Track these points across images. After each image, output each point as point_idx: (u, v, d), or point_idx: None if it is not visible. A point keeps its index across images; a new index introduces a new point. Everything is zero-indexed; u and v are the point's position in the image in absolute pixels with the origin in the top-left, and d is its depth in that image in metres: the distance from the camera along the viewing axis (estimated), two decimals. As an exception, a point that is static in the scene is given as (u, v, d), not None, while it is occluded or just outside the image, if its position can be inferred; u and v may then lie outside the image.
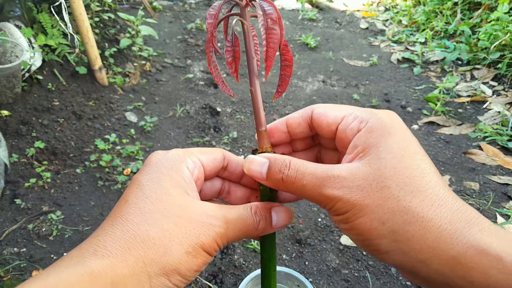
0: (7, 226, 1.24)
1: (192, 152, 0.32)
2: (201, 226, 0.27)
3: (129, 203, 0.27)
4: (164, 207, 0.27)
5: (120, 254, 0.25)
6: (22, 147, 1.49)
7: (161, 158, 0.30)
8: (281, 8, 3.16)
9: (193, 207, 0.28)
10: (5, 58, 1.59)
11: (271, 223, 0.32)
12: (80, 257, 0.25)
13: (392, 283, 1.15)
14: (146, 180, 0.28)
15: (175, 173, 0.29)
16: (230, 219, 0.29)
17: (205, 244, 0.27)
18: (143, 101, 1.88)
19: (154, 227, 0.26)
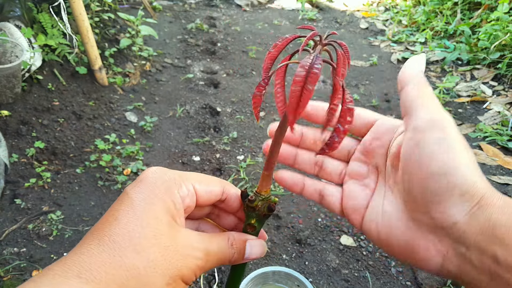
0: (7, 226, 1.24)
1: (189, 179, 0.31)
2: (184, 259, 0.28)
3: (119, 222, 0.27)
4: (153, 233, 0.27)
5: (104, 281, 0.25)
6: (22, 147, 1.49)
7: (158, 177, 0.30)
8: (281, 8, 3.16)
9: (180, 238, 0.28)
10: (5, 58, 1.59)
11: (244, 255, 0.33)
12: (64, 277, 0.24)
13: (392, 283, 1.15)
14: (139, 199, 0.28)
15: (168, 198, 0.29)
16: (210, 252, 0.30)
17: (185, 275, 0.28)
18: (143, 101, 1.88)
19: (142, 256, 0.26)
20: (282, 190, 1.45)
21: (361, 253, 1.23)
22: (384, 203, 0.32)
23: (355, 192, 0.35)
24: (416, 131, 0.28)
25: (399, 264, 1.20)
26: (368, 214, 0.33)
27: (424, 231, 0.28)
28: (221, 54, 2.36)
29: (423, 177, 0.27)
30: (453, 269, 0.27)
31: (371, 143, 0.34)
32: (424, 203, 0.27)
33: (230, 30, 2.67)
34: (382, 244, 0.32)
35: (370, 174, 0.35)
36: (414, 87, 0.29)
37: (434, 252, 0.28)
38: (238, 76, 2.17)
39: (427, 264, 0.28)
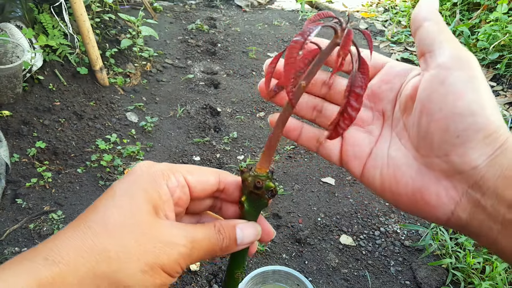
0: (8, 225, 1.25)
1: (179, 170, 0.30)
2: (163, 246, 0.26)
3: (97, 211, 0.27)
4: (129, 221, 0.26)
5: (72, 263, 0.24)
6: (23, 147, 1.50)
7: (144, 170, 0.29)
8: (281, 9, 3.17)
9: (159, 226, 0.27)
10: (6, 58, 1.59)
11: (236, 241, 0.31)
12: (31, 261, 0.24)
13: (391, 282, 1.16)
14: (121, 190, 0.28)
15: (151, 189, 0.28)
16: (196, 239, 0.28)
17: (165, 264, 0.26)
18: (144, 101, 1.89)
19: (114, 241, 0.25)
20: (282, 190, 1.45)
21: (361, 252, 1.24)
22: (390, 150, 0.30)
23: (357, 139, 0.32)
24: (441, 68, 0.26)
25: (398, 264, 1.21)
26: (371, 162, 0.31)
27: (438, 177, 0.27)
28: (221, 54, 2.37)
29: (445, 117, 0.25)
30: (463, 217, 0.26)
31: (379, 86, 0.32)
32: (442, 145, 0.26)
33: (230, 30, 2.68)
34: (386, 193, 0.30)
35: (375, 120, 0.33)
36: (434, 23, 0.28)
37: (446, 199, 0.26)
38: (238, 77, 2.18)
39: (437, 212, 0.27)
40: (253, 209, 0.32)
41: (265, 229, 0.34)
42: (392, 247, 1.26)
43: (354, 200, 1.43)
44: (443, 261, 1.15)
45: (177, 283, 1.12)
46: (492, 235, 0.25)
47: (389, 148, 0.30)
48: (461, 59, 0.26)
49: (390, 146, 0.31)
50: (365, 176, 0.32)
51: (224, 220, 0.32)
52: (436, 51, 0.27)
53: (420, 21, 0.28)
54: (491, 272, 1.11)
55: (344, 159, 0.33)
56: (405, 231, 1.31)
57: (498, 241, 0.25)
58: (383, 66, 0.33)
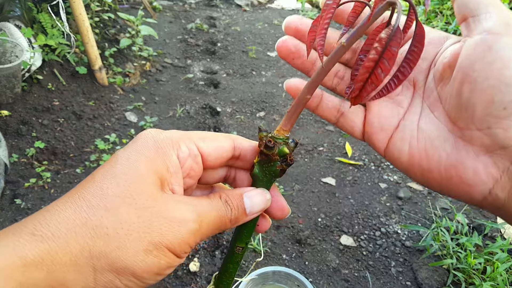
0: (7, 226, 1.24)
1: (191, 138, 0.27)
2: (169, 222, 0.23)
3: (93, 180, 0.23)
4: (130, 193, 0.23)
5: (63, 238, 0.21)
6: (22, 147, 1.49)
7: (151, 137, 0.26)
8: (281, 8, 3.16)
9: (165, 200, 0.24)
10: (5, 58, 1.59)
11: (245, 210, 0.28)
12: (17, 235, 0.21)
13: (392, 283, 1.15)
14: (123, 158, 0.24)
15: (159, 159, 0.25)
16: (203, 213, 0.25)
17: (172, 243, 0.23)
18: (143, 101, 1.88)
19: (112, 214, 0.22)
20: (282, 190, 1.45)
21: (361, 253, 1.23)
22: (421, 122, 0.28)
23: (384, 109, 0.29)
24: (488, 34, 0.24)
25: (399, 264, 1.20)
26: (399, 134, 0.28)
27: (477, 151, 0.25)
28: (221, 54, 2.37)
29: (491, 87, 0.23)
30: (502, 196, 0.24)
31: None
32: (485, 118, 0.24)
33: (230, 30, 2.67)
34: (414, 169, 0.28)
35: (405, 90, 0.30)
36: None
37: (485, 176, 0.24)
38: (238, 76, 2.17)
39: (472, 190, 0.25)
40: (263, 175, 0.29)
41: (279, 203, 0.31)
42: (393, 247, 1.25)
43: (355, 200, 1.43)
44: (444, 261, 1.15)
45: (177, 283, 1.11)
46: None
47: (419, 120, 0.28)
48: (510, 25, 0.24)
49: (420, 118, 0.28)
50: (391, 150, 0.29)
51: (229, 190, 0.29)
52: (482, 15, 0.24)
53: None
54: (492, 272, 1.10)
55: (368, 131, 0.30)
56: (406, 231, 1.31)
57: None
58: None
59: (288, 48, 0.30)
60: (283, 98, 1.96)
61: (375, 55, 0.24)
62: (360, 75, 0.25)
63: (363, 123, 0.30)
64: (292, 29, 0.30)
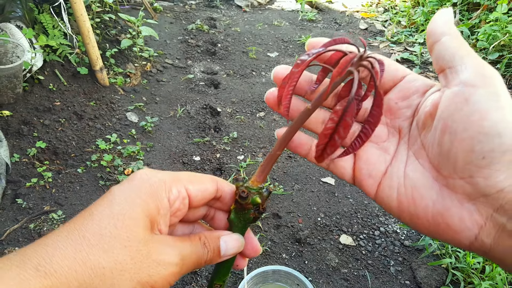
0: (9, 225, 1.25)
1: (181, 180, 0.29)
2: (156, 265, 0.26)
3: (93, 218, 0.26)
4: (126, 235, 0.25)
5: (64, 276, 0.23)
6: (23, 147, 1.50)
7: (146, 179, 0.28)
8: (281, 9, 3.17)
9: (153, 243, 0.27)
10: (7, 58, 1.60)
11: (220, 253, 0.31)
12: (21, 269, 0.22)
13: (391, 282, 1.16)
14: (120, 198, 0.27)
15: (152, 203, 0.27)
16: (185, 256, 0.28)
17: (157, 282, 0.26)
18: (144, 101, 1.89)
19: (109, 256, 0.24)
20: (282, 190, 1.46)
21: (361, 252, 1.24)
22: (407, 169, 0.29)
23: (371, 156, 0.30)
24: (465, 86, 0.24)
25: (398, 264, 1.21)
26: (387, 181, 0.29)
27: (461, 199, 0.25)
28: (221, 54, 2.37)
29: (470, 137, 0.24)
30: (488, 242, 0.25)
31: (396, 102, 0.30)
32: (466, 167, 0.24)
33: (230, 30, 2.68)
34: (403, 215, 0.28)
35: (390, 137, 0.31)
36: (452, 37, 0.26)
37: (470, 223, 0.25)
38: (238, 77, 2.18)
39: (459, 236, 0.26)
40: (239, 221, 0.32)
41: (252, 245, 0.34)
42: (392, 247, 1.26)
43: (354, 200, 1.43)
44: (443, 261, 1.15)
45: (177, 283, 1.12)
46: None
47: (406, 167, 0.29)
48: (485, 76, 0.24)
49: (407, 165, 0.29)
50: (380, 196, 0.30)
51: (208, 232, 0.32)
52: (458, 66, 0.25)
53: (437, 36, 0.27)
54: (490, 272, 1.11)
55: (358, 177, 0.31)
56: (405, 230, 1.32)
57: None
58: (402, 78, 0.30)
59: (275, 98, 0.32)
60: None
61: (332, 124, 0.27)
62: (320, 140, 0.28)
63: (353, 169, 0.32)
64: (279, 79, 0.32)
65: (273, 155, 0.31)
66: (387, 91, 0.31)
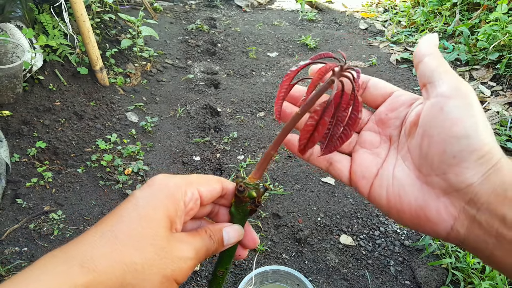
0: (9, 225, 1.25)
1: (193, 183, 0.34)
2: (178, 260, 0.30)
3: (122, 220, 0.29)
4: (152, 235, 0.29)
5: (104, 272, 0.26)
6: (23, 147, 1.50)
7: (164, 184, 0.32)
8: (281, 9, 3.17)
9: (174, 241, 0.31)
10: (7, 58, 1.60)
11: (223, 242, 0.35)
12: (67, 265, 0.26)
13: (391, 282, 1.16)
14: (144, 202, 0.30)
15: (171, 205, 0.31)
16: (198, 250, 0.32)
17: (178, 276, 0.30)
18: (144, 101, 1.89)
19: (140, 253, 0.28)
20: (282, 190, 1.46)
21: (360, 252, 1.24)
22: (395, 170, 0.33)
23: (365, 160, 0.35)
24: (440, 97, 0.29)
25: (398, 264, 1.21)
26: (378, 181, 0.34)
27: (438, 194, 0.29)
28: (221, 54, 2.37)
29: (443, 140, 0.28)
30: (462, 232, 0.28)
31: (386, 113, 0.35)
32: (440, 165, 0.29)
33: (230, 30, 2.68)
34: (391, 211, 0.33)
35: (382, 144, 0.36)
36: (434, 58, 0.31)
37: (446, 215, 0.29)
38: (238, 77, 2.18)
39: (437, 227, 0.30)
40: (238, 213, 0.36)
41: (251, 237, 0.38)
42: (392, 247, 1.26)
43: (354, 200, 1.43)
44: (443, 261, 1.15)
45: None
46: (488, 249, 0.27)
47: (394, 169, 0.33)
48: (459, 89, 0.29)
49: (395, 167, 0.33)
50: (372, 195, 0.34)
51: (212, 225, 0.36)
52: (436, 82, 0.30)
53: (421, 56, 0.32)
54: (490, 272, 1.11)
55: (353, 179, 0.36)
56: (404, 230, 1.32)
57: (494, 254, 0.27)
58: (391, 94, 0.36)
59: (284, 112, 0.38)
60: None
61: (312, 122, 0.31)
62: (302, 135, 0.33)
63: (349, 171, 0.36)
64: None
65: (267, 155, 0.34)
66: (379, 105, 0.36)
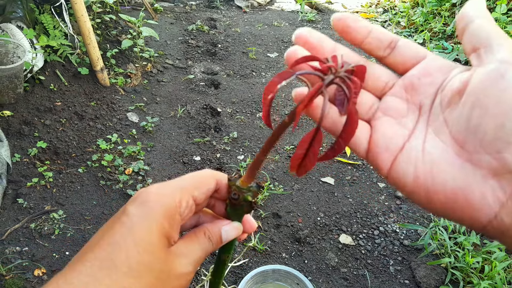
0: (10, 225, 1.26)
1: (187, 189, 0.33)
2: (177, 279, 0.31)
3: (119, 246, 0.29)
4: (149, 259, 0.29)
5: None
6: (24, 147, 1.50)
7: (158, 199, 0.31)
8: (281, 10, 3.18)
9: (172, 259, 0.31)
10: (7, 58, 1.60)
11: (221, 240, 0.36)
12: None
13: (391, 281, 1.16)
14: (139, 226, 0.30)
15: (167, 222, 0.31)
16: (197, 258, 0.33)
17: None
18: (145, 101, 1.89)
19: (139, 282, 0.29)
20: (281, 190, 1.46)
21: (360, 251, 1.24)
22: (426, 145, 0.28)
23: (390, 130, 0.30)
24: (501, 63, 0.25)
25: (397, 263, 1.22)
26: (404, 156, 0.29)
27: (485, 175, 0.25)
28: (222, 55, 2.38)
29: (503, 113, 0.24)
30: (507, 221, 0.25)
31: (419, 78, 0.30)
32: (495, 142, 0.24)
33: (231, 31, 2.69)
34: (419, 191, 0.28)
35: (410, 113, 0.30)
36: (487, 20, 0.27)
37: (492, 200, 0.25)
38: (238, 77, 2.19)
39: (478, 214, 0.25)
40: (235, 213, 0.37)
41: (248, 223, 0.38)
42: (391, 246, 1.26)
43: (354, 199, 1.44)
44: (442, 260, 1.16)
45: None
46: None
47: (424, 143, 0.29)
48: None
49: (425, 141, 0.29)
50: (395, 171, 0.29)
51: (211, 225, 0.36)
52: (494, 46, 0.26)
53: (471, 17, 0.27)
54: (490, 271, 1.11)
55: (373, 150, 0.30)
56: (404, 230, 1.32)
57: None
58: (425, 57, 0.31)
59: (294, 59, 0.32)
60: (283, 99, 1.97)
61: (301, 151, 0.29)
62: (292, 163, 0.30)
63: (369, 141, 0.31)
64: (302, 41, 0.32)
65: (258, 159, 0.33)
66: (408, 69, 0.31)
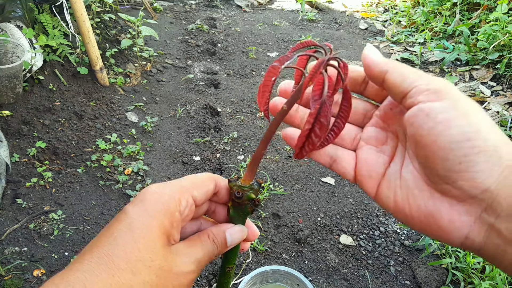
0: (9, 225, 1.25)
1: (187, 189, 0.33)
2: (178, 277, 0.30)
3: (117, 243, 0.29)
4: (149, 256, 0.29)
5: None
6: (23, 147, 1.50)
7: (158, 198, 0.31)
8: (281, 9, 3.17)
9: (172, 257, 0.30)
10: (6, 58, 1.60)
11: (226, 244, 0.35)
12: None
13: (391, 282, 1.16)
14: (138, 222, 0.29)
15: (167, 219, 0.30)
16: (199, 259, 0.32)
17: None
18: (144, 101, 1.89)
19: (137, 278, 0.28)
20: (282, 190, 1.46)
21: (360, 252, 1.24)
22: (403, 171, 0.30)
23: (371, 158, 0.32)
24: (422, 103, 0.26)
25: (398, 264, 1.21)
26: (385, 182, 0.31)
27: (451, 201, 0.26)
28: (221, 54, 2.37)
29: (440, 148, 0.25)
30: (478, 241, 0.26)
31: (390, 108, 0.32)
32: (447, 174, 0.25)
33: (230, 30, 2.68)
34: (399, 215, 0.30)
35: (389, 141, 0.32)
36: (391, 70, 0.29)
37: (459, 223, 0.26)
38: (238, 77, 2.18)
39: (450, 236, 0.27)
40: (238, 215, 0.36)
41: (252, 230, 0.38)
42: (392, 247, 1.26)
43: (354, 200, 1.43)
44: (443, 261, 1.15)
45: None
46: (508, 259, 0.24)
47: (401, 170, 0.30)
48: (436, 90, 0.26)
49: (403, 167, 0.30)
50: (379, 196, 0.31)
51: (215, 228, 0.35)
52: (410, 92, 0.27)
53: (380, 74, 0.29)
54: (491, 272, 1.11)
55: (359, 178, 0.33)
56: (405, 230, 1.32)
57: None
58: None
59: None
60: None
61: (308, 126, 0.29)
62: (298, 141, 0.30)
63: (354, 170, 0.33)
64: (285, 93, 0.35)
65: (257, 154, 0.34)
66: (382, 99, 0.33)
